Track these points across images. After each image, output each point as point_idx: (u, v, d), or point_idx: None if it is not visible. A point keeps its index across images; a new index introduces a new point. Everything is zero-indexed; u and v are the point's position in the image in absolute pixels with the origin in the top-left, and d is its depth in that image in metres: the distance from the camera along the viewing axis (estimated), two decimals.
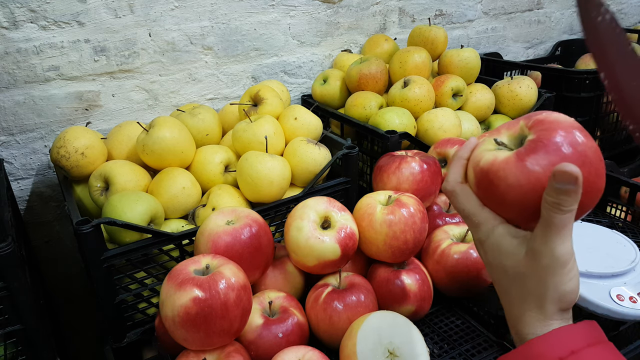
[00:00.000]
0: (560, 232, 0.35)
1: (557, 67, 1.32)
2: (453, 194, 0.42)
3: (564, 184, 0.34)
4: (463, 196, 0.41)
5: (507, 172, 0.37)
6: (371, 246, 0.69)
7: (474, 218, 0.40)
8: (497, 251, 0.39)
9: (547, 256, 0.36)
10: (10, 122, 0.90)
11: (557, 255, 0.36)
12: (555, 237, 0.36)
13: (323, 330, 0.63)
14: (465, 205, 0.41)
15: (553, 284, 0.37)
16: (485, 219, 0.40)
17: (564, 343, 0.35)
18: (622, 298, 0.65)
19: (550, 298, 0.37)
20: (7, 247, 0.54)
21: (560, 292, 0.37)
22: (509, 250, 0.38)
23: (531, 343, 0.36)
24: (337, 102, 1.09)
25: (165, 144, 0.78)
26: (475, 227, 0.41)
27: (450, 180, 0.42)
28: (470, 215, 0.41)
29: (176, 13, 0.97)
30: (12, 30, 0.84)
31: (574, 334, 0.36)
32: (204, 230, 0.64)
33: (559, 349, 0.35)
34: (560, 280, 0.37)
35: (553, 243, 0.36)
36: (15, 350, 0.59)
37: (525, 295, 0.38)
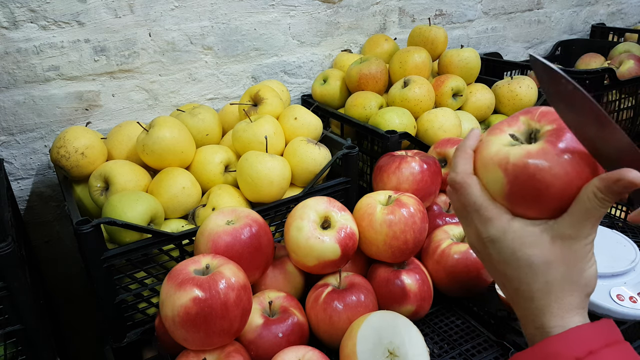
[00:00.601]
0: (597, 221, 0.36)
1: None
2: (464, 185, 0.40)
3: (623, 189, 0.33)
4: (475, 188, 0.39)
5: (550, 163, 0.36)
6: (371, 246, 0.69)
7: (485, 212, 0.39)
8: (520, 243, 0.37)
9: (580, 242, 0.36)
10: (10, 122, 0.90)
11: (588, 241, 0.36)
12: (591, 225, 0.36)
13: (323, 330, 0.63)
14: (477, 198, 0.39)
15: (580, 269, 0.37)
16: (499, 213, 0.38)
17: (582, 342, 0.35)
18: (622, 298, 0.65)
19: (578, 284, 0.37)
20: (7, 247, 0.54)
21: (586, 277, 0.37)
22: (533, 240, 0.37)
23: (548, 341, 0.36)
24: (337, 102, 1.09)
25: (165, 144, 0.78)
26: (485, 223, 0.39)
27: (460, 171, 0.40)
28: (481, 208, 0.39)
29: (176, 13, 0.97)
30: (12, 30, 0.84)
31: (592, 333, 0.35)
32: (204, 230, 0.64)
33: (577, 348, 0.34)
34: (586, 265, 0.37)
35: (588, 230, 0.36)
36: (15, 350, 0.59)
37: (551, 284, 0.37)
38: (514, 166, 0.37)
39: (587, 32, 1.74)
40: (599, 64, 1.40)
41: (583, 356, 0.34)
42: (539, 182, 0.36)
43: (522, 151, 0.37)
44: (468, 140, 0.41)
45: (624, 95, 1.21)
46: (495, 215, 0.38)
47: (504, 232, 0.38)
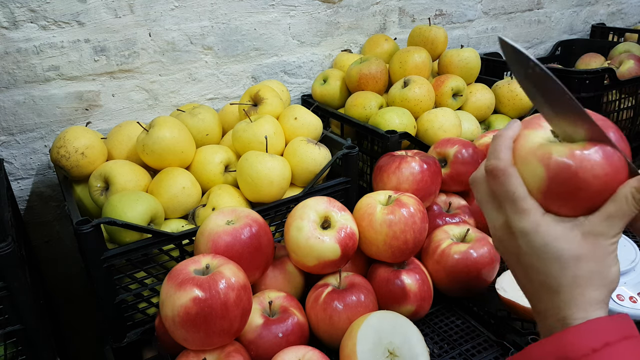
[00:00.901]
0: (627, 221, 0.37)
1: (557, 67, 1.32)
2: (505, 174, 0.39)
3: None
4: (516, 178, 0.39)
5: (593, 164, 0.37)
6: (371, 246, 0.69)
7: (522, 203, 0.39)
8: (552, 237, 0.38)
9: (609, 239, 0.37)
10: (10, 122, 0.90)
11: (616, 240, 0.38)
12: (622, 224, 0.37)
13: (323, 330, 0.63)
14: (516, 188, 0.39)
15: (608, 264, 0.38)
16: (534, 206, 0.39)
17: (599, 334, 0.35)
18: (622, 298, 0.65)
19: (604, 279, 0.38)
20: (7, 247, 0.54)
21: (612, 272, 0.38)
22: (564, 234, 0.38)
23: (565, 332, 0.36)
24: (337, 102, 1.09)
25: (165, 144, 0.78)
26: (520, 214, 0.39)
27: (503, 158, 0.40)
28: (519, 200, 0.39)
29: (176, 13, 0.97)
30: (12, 30, 0.84)
31: (609, 325, 0.36)
32: (204, 230, 0.64)
33: (593, 340, 0.35)
34: (612, 261, 0.38)
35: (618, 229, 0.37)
36: (15, 350, 0.59)
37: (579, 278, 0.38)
38: (556, 163, 0.37)
39: (587, 32, 1.74)
40: (599, 64, 1.40)
41: (599, 347, 0.34)
42: (580, 182, 0.37)
43: (567, 149, 0.37)
44: (509, 130, 0.41)
45: (624, 95, 1.21)
46: (531, 208, 0.38)
47: (537, 225, 0.38)
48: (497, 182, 0.40)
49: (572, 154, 0.37)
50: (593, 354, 0.34)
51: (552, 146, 0.39)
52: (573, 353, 0.35)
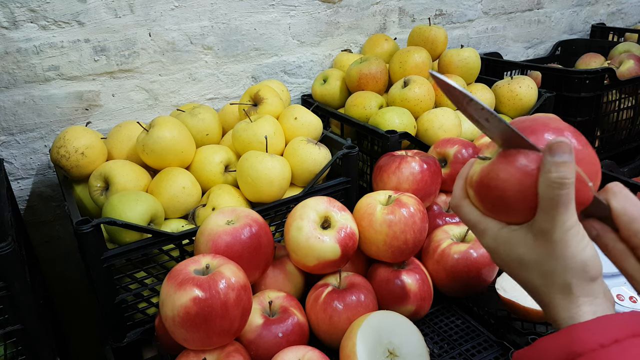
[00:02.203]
0: (567, 207, 0.37)
1: (557, 67, 1.32)
2: (457, 208, 0.45)
3: (560, 155, 0.36)
4: (466, 208, 0.44)
5: (497, 172, 0.39)
6: (371, 246, 0.69)
7: (479, 226, 0.43)
8: (509, 246, 0.40)
9: (558, 231, 0.37)
10: (10, 122, 0.90)
11: (567, 227, 0.37)
12: (562, 214, 0.37)
13: (323, 330, 0.63)
14: (470, 216, 0.43)
15: (571, 253, 0.37)
16: (490, 224, 0.42)
17: (608, 330, 0.35)
18: (622, 298, 0.65)
19: (573, 270, 0.37)
20: (7, 247, 0.54)
21: (581, 261, 0.37)
22: (519, 240, 0.40)
23: (572, 328, 0.36)
24: (337, 102, 1.09)
25: (165, 144, 0.78)
26: (482, 234, 0.43)
27: (455, 197, 0.45)
28: (476, 224, 0.43)
29: (176, 13, 0.97)
30: (12, 30, 0.84)
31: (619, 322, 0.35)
32: (204, 230, 0.64)
33: (602, 335, 0.34)
34: (577, 249, 0.37)
35: (560, 219, 0.37)
36: (15, 350, 0.59)
37: (548, 278, 0.39)
38: (475, 183, 0.42)
39: (587, 32, 1.74)
40: (599, 64, 1.40)
41: (608, 344, 0.34)
42: (496, 190, 0.40)
43: (478, 168, 0.42)
44: (463, 169, 0.46)
45: (624, 95, 1.21)
46: (486, 227, 0.42)
47: (495, 240, 0.42)
48: (460, 217, 0.45)
49: (482, 169, 0.41)
50: (601, 350, 0.34)
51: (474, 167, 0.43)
52: (581, 348, 0.34)
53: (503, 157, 0.39)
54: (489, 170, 0.40)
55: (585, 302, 0.37)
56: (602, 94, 1.16)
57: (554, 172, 0.36)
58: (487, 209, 0.42)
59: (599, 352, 0.34)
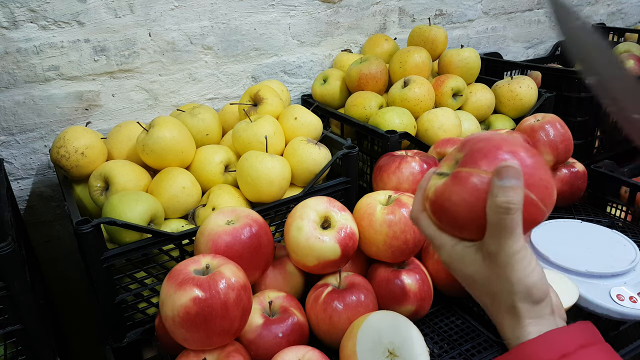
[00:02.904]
0: (513, 232, 0.37)
1: (557, 67, 1.32)
2: (415, 221, 0.45)
3: (508, 180, 0.36)
4: (423, 222, 0.44)
5: (450, 192, 0.40)
6: (371, 246, 0.69)
7: (435, 241, 0.43)
8: (462, 264, 0.41)
9: (503, 255, 0.37)
10: (10, 122, 0.90)
11: (512, 252, 0.37)
12: (508, 237, 0.37)
13: (323, 330, 0.63)
14: (427, 231, 0.44)
15: (515, 278, 0.37)
16: (445, 241, 0.42)
17: (556, 345, 0.35)
18: (622, 298, 0.65)
19: (517, 294, 0.38)
20: (7, 247, 0.54)
21: (525, 286, 0.37)
22: (470, 259, 0.40)
23: (522, 346, 0.36)
24: (337, 102, 1.09)
25: (165, 144, 0.78)
26: (438, 249, 0.43)
27: (413, 209, 0.45)
28: (432, 238, 0.43)
29: (176, 13, 0.97)
30: (12, 30, 0.84)
31: (566, 336, 0.36)
32: (204, 230, 0.64)
33: (551, 351, 0.35)
34: (522, 274, 0.37)
35: (505, 244, 0.37)
36: (15, 350, 0.59)
37: (496, 298, 0.39)
38: (430, 201, 0.43)
39: None
40: None
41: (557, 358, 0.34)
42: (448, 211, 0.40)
43: (434, 186, 0.42)
44: (422, 181, 0.46)
45: None
46: (442, 243, 0.42)
47: (449, 255, 0.42)
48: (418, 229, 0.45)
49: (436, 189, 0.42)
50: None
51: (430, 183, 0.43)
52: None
53: (456, 178, 0.40)
54: (442, 191, 0.41)
55: (530, 323, 0.37)
56: None
57: (500, 197, 0.36)
58: (441, 225, 0.43)
59: None
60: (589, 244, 0.75)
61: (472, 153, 0.40)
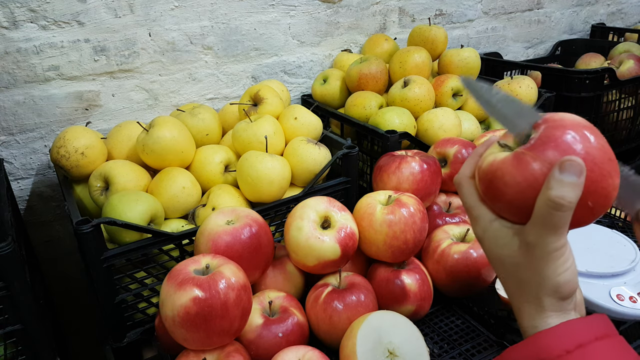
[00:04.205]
0: (557, 230, 0.36)
1: (557, 67, 1.32)
2: (459, 186, 0.44)
3: (568, 175, 0.34)
4: (466, 189, 0.43)
5: (505, 171, 0.38)
6: (371, 246, 0.69)
7: (473, 211, 0.42)
8: (495, 243, 0.40)
9: (541, 249, 0.37)
10: (10, 122, 0.90)
11: (551, 249, 0.36)
12: (550, 234, 0.36)
13: (323, 330, 0.63)
14: (467, 199, 0.43)
15: (547, 274, 0.37)
16: (483, 213, 0.41)
17: (572, 336, 0.35)
18: (622, 298, 0.65)
19: (546, 288, 0.37)
20: (7, 247, 0.54)
21: (555, 283, 0.37)
22: (505, 242, 0.39)
23: (538, 335, 0.37)
24: (337, 102, 1.09)
25: (165, 144, 0.78)
26: (474, 220, 0.42)
27: (460, 173, 0.44)
28: (470, 208, 0.42)
29: (176, 13, 0.97)
30: (12, 30, 0.84)
31: (582, 327, 0.36)
32: (204, 230, 0.64)
33: (566, 341, 0.35)
34: (554, 272, 0.37)
35: (547, 239, 0.36)
36: (15, 350, 0.59)
37: (522, 286, 0.39)
38: (481, 171, 0.41)
39: (587, 32, 1.74)
40: (599, 64, 1.40)
41: (572, 349, 0.35)
42: (497, 189, 0.39)
43: (492, 158, 0.40)
44: (480, 147, 0.44)
45: (624, 95, 1.21)
46: (480, 215, 0.41)
47: (484, 230, 0.41)
48: (459, 194, 0.44)
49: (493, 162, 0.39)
50: (566, 355, 0.34)
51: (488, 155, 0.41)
52: (547, 355, 0.35)
53: (517, 159, 0.37)
54: (498, 167, 0.38)
55: (552, 316, 0.38)
56: (602, 94, 1.16)
57: (555, 190, 0.34)
58: (486, 196, 0.41)
59: (564, 358, 0.34)
60: (589, 244, 0.75)
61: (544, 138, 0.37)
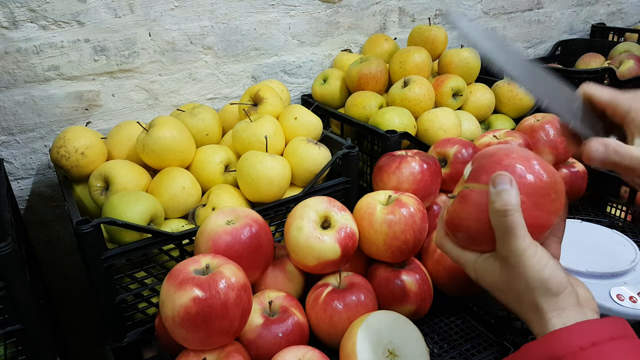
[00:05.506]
0: (515, 232, 0.40)
1: (557, 67, 1.32)
2: (440, 246, 0.49)
3: (500, 185, 0.40)
4: (447, 245, 0.48)
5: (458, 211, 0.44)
6: (371, 246, 0.69)
7: (461, 259, 0.47)
8: (485, 273, 0.44)
9: (512, 256, 0.41)
10: (10, 122, 0.90)
11: (520, 252, 0.40)
12: (512, 239, 0.40)
13: (323, 330, 0.63)
14: (451, 252, 0.48)
15: (530, 274, 0.40)
16: (468, 257, 0.46)
17: (587, 334, 0.37)
18: (622, 298, 0.65)
19: (536, 290, 0.40)
20: (7, 247, 0.54)
21: (540, 280, 0.40)
22: (491, 269, 0.44)
23: (554, 333, 0.38)
24: (337, 101, 1.09)
25: (165, 144, 0.78)
26: (465, 266, 0.47)
27: (437, 236, 0.50)
28: (457, 258, 0.47)
29: (176, 13, 0.97)
30: (12, 30, 0.84)
31: (598, 326, 0.37)
32: (204, 230, 0.64)
33: (581, 339, 0.36)
34: (534, 270, 0.40)
35: (512, 245, 0.40)
36: (15, 350, 0.59)
37: (519, 298, 0.42)
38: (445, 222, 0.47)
39: (587, 32, 1.74)
40: (599, 64, 1.40)
41: (587, 346, 0.36)
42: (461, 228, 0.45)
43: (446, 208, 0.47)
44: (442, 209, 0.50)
45: None
46: (467, 260, 0.46)
47: (474, 269, 0.45)
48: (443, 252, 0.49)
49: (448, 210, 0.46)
50: (580, 352, 0.36)
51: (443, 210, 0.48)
52: (561, 351, 0.37)
53: (461, 197, 0.44)
54: (453, 210, 0.45)
55: (553, 317, 0.40)
56: None
57: (496, 202, 0.40)
58: (460, 243, 0.46)
59: (578, 355, 0.36)
60: (589, 244, 0.75)
61: (475, 170, 0.44)
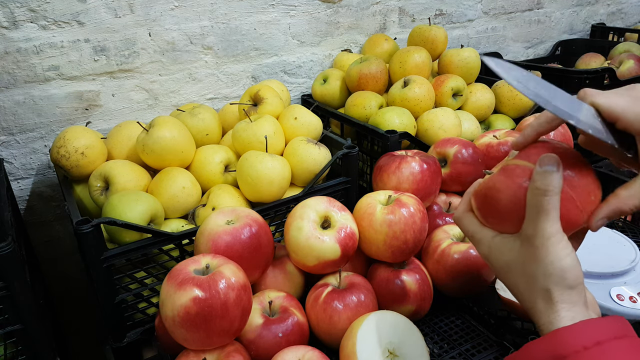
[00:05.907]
0: (549, 214, 0.39)
1: (557, 67, 1.32)
2: (459, 220, 0.49)
3: (547, 167, 0.39)
4: (466, 220, 0.48)
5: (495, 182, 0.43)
6: (371, 246, 0.69)
7: (476, 235, 0.47)
8: (500, 252, 0.44)
9: (539, 237, 0.40)
10: (10, 122, 0.90)
11: (548, 234, 0.40)
12: (544, 219, 0.39)
13: (323, 330, 0.63)
14: (468, 227, 0.48)
15: (551, 259, 0.40)
16: (486, 234, 0.46)
17: (590, 333, 0.37)
18: (622, 298, 0.65)
19: (552, 276, 0.40)
20: (7, 247, 0.54)
21: (560, 268, 0.39)
22: (508, 247, 0.43)
23: (557, 332, 0.38)
24: (337, 101, 1.09)
25: (165, 144, 0.78)
26: (478, 243, 0.47)
27: (458, 210, 0.50)
28: (473, 233, 0.47)
29: (176, 13, 0.97)
30: (12, 30, 0.84)
31: (601, 325, 0.37)
32: (204, 230, 0.64)
33: (585, 338, 0.36)
34: (557, 256, 0.40)
35: (543, 225, 0.40)
36: (15, 350, 0.59)
37: (530, 281, 0.41)
38: (475, 192, 0.47)
39: (587, 32, 1.74)
40: (599, 64, 1.40)
41: (590, 345, 0.36)
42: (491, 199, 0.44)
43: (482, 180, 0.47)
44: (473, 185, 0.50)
45: None
46: (483, 237, 0.46)
47: (489, 247, 0.45)
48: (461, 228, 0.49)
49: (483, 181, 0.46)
50: (584, 351, 0.36)
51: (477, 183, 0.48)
52: (564, 350, 0.36)
53: (503, 171, 0.43)
54: (488, 181, 0.44)
55: (563, 308, 0.39)
56: None
57: (538, 181, 0.39)
58: (483, 217, 0.46)
59: (581, 354, 0.35)
60: (589, 244, 0.74)
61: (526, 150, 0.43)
